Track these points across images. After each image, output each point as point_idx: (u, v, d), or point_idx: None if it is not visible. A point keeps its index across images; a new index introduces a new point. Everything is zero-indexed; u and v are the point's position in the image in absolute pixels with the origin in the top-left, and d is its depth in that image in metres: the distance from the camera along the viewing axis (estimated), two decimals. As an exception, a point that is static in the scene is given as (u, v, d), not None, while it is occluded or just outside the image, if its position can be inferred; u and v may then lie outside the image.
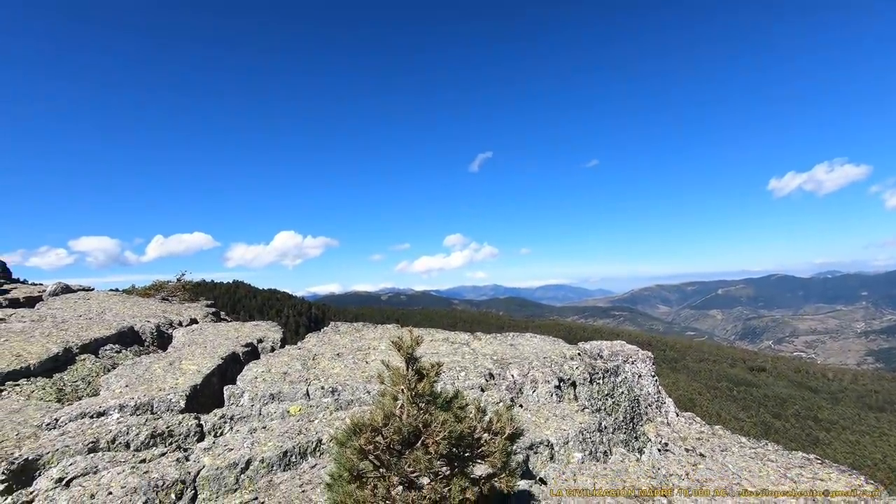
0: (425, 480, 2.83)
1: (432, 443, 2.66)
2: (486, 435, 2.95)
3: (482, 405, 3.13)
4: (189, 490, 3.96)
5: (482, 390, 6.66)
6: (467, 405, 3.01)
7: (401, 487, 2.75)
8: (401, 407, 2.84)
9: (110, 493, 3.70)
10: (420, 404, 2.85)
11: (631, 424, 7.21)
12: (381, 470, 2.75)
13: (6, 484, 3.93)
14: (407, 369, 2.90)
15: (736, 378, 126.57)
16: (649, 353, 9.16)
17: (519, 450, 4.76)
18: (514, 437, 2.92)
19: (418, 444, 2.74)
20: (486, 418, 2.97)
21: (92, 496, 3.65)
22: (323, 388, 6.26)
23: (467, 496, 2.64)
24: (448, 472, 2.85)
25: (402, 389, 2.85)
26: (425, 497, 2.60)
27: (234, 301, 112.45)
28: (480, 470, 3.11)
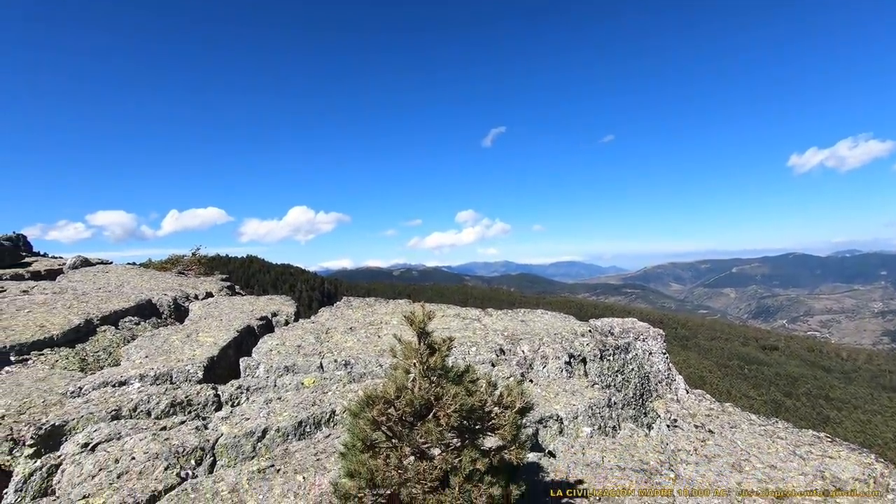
0: (437, 451, 2.89)
1: (443, 415, 2.71)
2: (496, 409, 2.99)
3: (492, 380, 3.17)
4: (208, 456, 4.11)
5: (493, 365, 6.74)
6: (478, 379, 3.05)
7: (413, 458, 2.82)
8: (413, 380, 2.89)
9: (133, 458, 3.85)
10: (432, 378, 2.89)
11: (641, 400, 7.26)
12: (393, 441, 2.82)
13: (35, 448, 4.11)
14: (419, 343, 2.93)
15: (747, 356, 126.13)
16: (661, 331, 9.16)
17: (529, 423, 4.83)
18: (524, 411, 2.96)
19: (430, 417, 2.79)
20: (497, 392, 3.01)
21: (116, 461, 3.80)
22: (336, 361, 6.37)
23: (477, 467, 2.70)
24: (459, 444, 2.91)
25: (415, 363, 2.89)
26: (436, 467, 2.66)
27: (248, 275, 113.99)
28: (491, 442, 3.17)
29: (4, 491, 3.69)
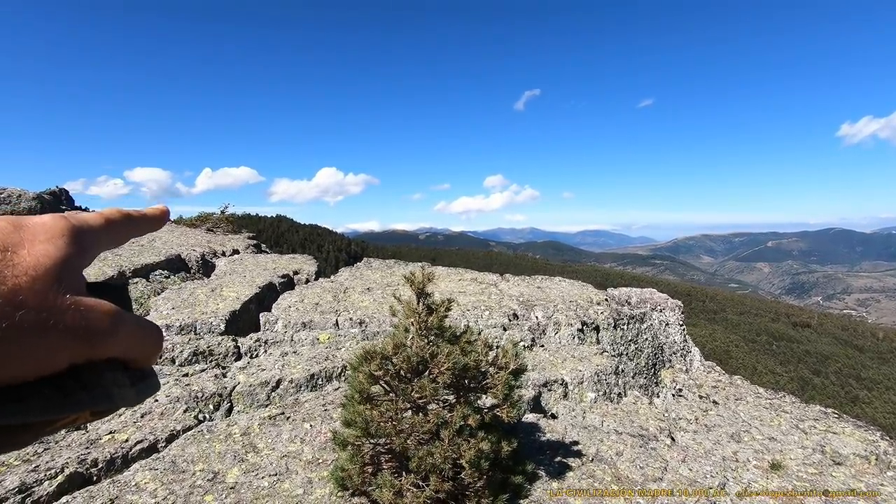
0: (433, 407, 3.02)
1: (438, 372, 2.82)
2: (491, 369, 3.09)
3: (491, 342, 3.26)
4: (225, 402, 4.38)
5: (504, 329, 6.84)
6: (475, 340, 3.13)
7: (410, 412, 2.96)
8: (411, 338, 3.00)
9: (157, 400, 4.14)
10: (429, 337, 3.00)
11: (653, 370, 7.30)
12: (390, 395, 2.96)
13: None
14: (417, 303, 3.02)
15: (777, 333, 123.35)
16: (679, 303, 9.06)
17: (532, 385, 4.95)
18: (518, 372, 3.05)
19: (426, 374, 2.91)
20: (493, 353, 3.10)
21: (141, 402, 4.10)
22: (351, 319, 6.58)
23: (469, 423, 2.82)
24: (454, 401, 3.03)
25: (413, 322, 2.99)
26: (429, 421, 2.79)
27: (277, 234, 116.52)
28: (489, 402, 3.29)
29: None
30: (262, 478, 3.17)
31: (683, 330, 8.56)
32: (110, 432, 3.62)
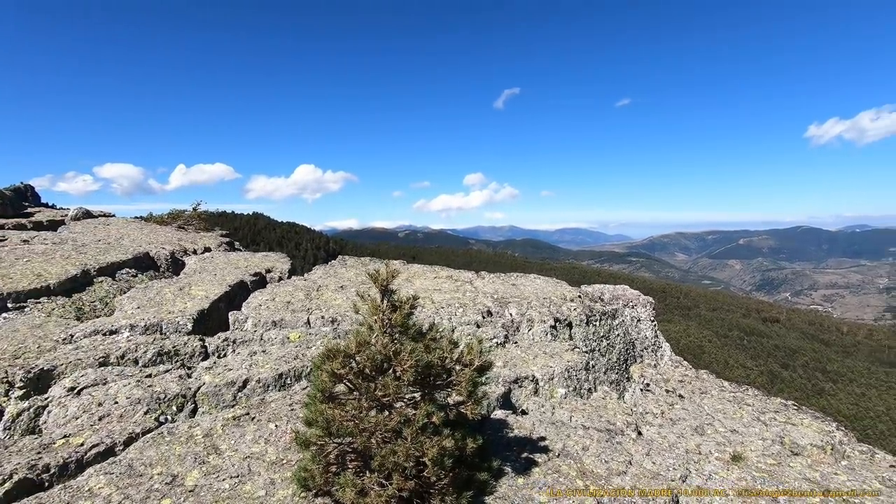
0: (399, 405, 3.00)
1: (402, 370, 2.80)
2: (457, 366, 3.08)
3: (462, 339, 3.25)
4: (189, 404, 4.28)
5: (478, 326, 6.85)
6: (441, 337, 3.12)
7: (374, 411, 2.93)
8: (375, 336, 2.97)
9: (116, 402, 4.02)
10: (394, 335, 2.97)
11: (624, 366, 7.41)
12: (354, 393, 2.92)
13: (24, 390, 4.29)
14: (382, 301, 3.00)
15: (748, 328, 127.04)
16: (650, 299, 9.23)
17: (503, 382, 4.97)
18: (483, 369, 3.05)
19: (390, 372, 2.88)
20: (458, 350, 3.09)
21: (99, 404, 3.97)
22: (323, 317, 6.50)
23: (433, 420, 2.80)
24: (419, 399, 3.01)
25: (377, 320, 2.96)
26: (393, 419, 2.77)
27: (254, 232, 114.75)
28: (455, 399, 3.27)
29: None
30: (223, 480, 3.10)
31: (655, 326, 8.71)
32: (65, 436, 3.49)
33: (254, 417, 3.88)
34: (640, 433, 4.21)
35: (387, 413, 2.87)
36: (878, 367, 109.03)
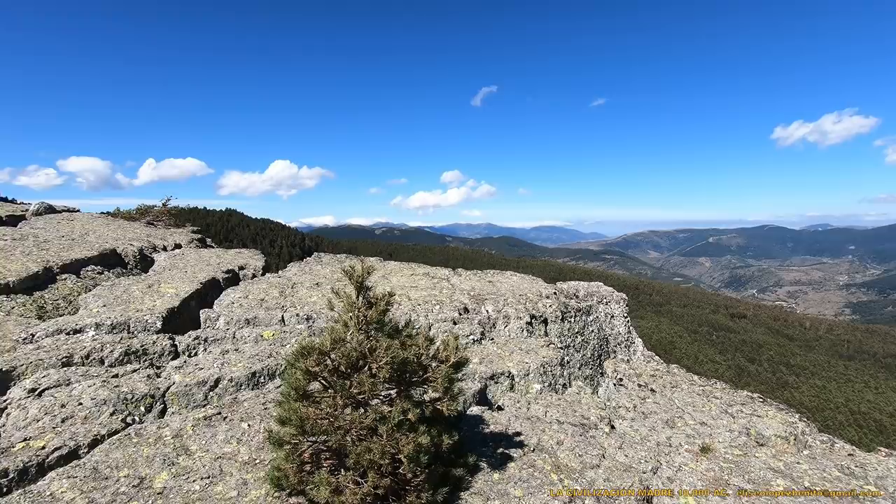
0: (374, 402, 2.98)
1: (377, 367, 2.78)
2: (433, 363, 3.07)
3: (438, 336, 3.25)
4: (158, 404, 4.16)
5: (454, 323, 6.86)
6: (417, 334, 3.11)
7: (349, 408, 2.90)
8: (351, 333, 2.94)
9: (80, 403, 3.88)
10: (369, 331, 2.95)
11: (598, 361, 7.53)
12: (329, 391, 2.89)
13: (-19, 392, 4.10)
14: (357, 298, 2.97)
15: (716, 323, 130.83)
16: (624, 295, 9.40)
17: (479, 378, 4.99)
18: (459, 365, 3.05)
19: (365, 369, 2.86)
20: (434, 347, 3.08)
21: (62, 406, 3.83)
22: (298, 315, 6.41)
23: (408, 417, 2.79)
24: (395, 396, 3.00)
25: (352, 316, 2.93)
26: (368, 416, 2.75)
27: (227, 229, 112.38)
28: (431, 396, 3.27)
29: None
30: (194, 481, 3.03)
31: (628, 322, 8.88)
32: (25, 439, 3.35)
33: (226, 417, 3.80)
34: (613, 427, 4.28)
35: (362, 410, 2.85)
36: (837, 361, 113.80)
